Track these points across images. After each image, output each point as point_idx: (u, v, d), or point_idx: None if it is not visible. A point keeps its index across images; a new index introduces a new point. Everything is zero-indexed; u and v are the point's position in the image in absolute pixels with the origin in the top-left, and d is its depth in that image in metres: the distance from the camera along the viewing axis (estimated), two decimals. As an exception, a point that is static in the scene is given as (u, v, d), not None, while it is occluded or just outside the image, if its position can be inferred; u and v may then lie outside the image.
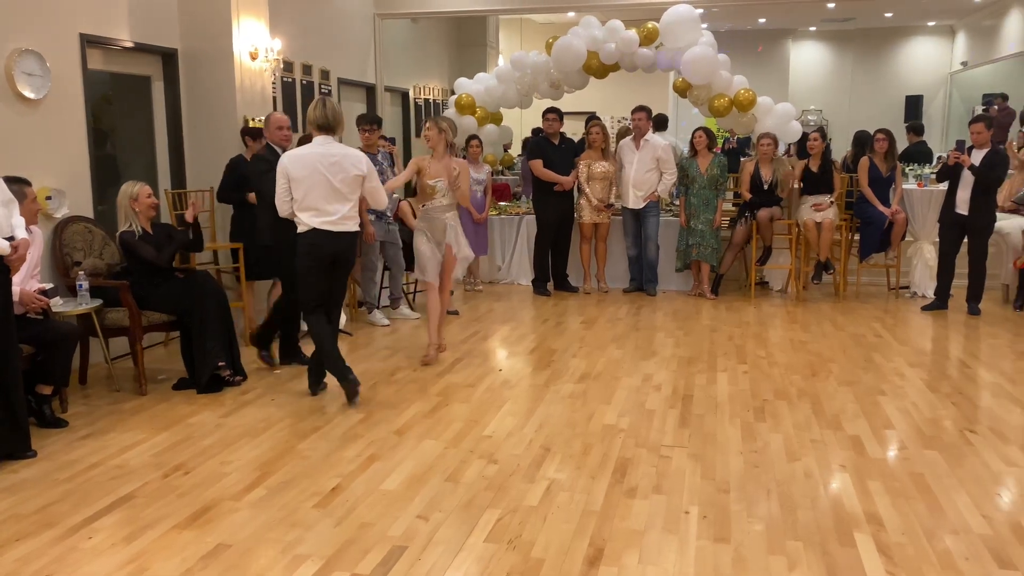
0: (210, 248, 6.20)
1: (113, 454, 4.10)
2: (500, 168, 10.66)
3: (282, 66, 7.84)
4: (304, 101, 8.57)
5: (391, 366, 5.56)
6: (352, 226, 4.75)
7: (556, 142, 8.11)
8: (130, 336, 5.08)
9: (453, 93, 9.44)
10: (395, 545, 3.14)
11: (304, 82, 8.57)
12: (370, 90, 10.26)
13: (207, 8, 6.56)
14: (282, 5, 7.78)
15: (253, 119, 6.39)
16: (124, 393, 5.11)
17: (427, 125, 5.51)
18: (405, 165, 9.98)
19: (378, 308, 6.88)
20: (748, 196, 7.78)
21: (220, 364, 5.12)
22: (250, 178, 5.65)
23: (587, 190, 7.92)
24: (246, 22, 6.70)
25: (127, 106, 6.47)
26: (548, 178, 7.95)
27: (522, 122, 13.13)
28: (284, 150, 5.11)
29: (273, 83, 7.46)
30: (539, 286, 8.18)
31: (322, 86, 8.93)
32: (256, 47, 6.78)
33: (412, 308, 7.29)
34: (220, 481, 3.75)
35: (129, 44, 6.13)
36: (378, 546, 3.14)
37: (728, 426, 4.43)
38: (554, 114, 8.11)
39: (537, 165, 8.01)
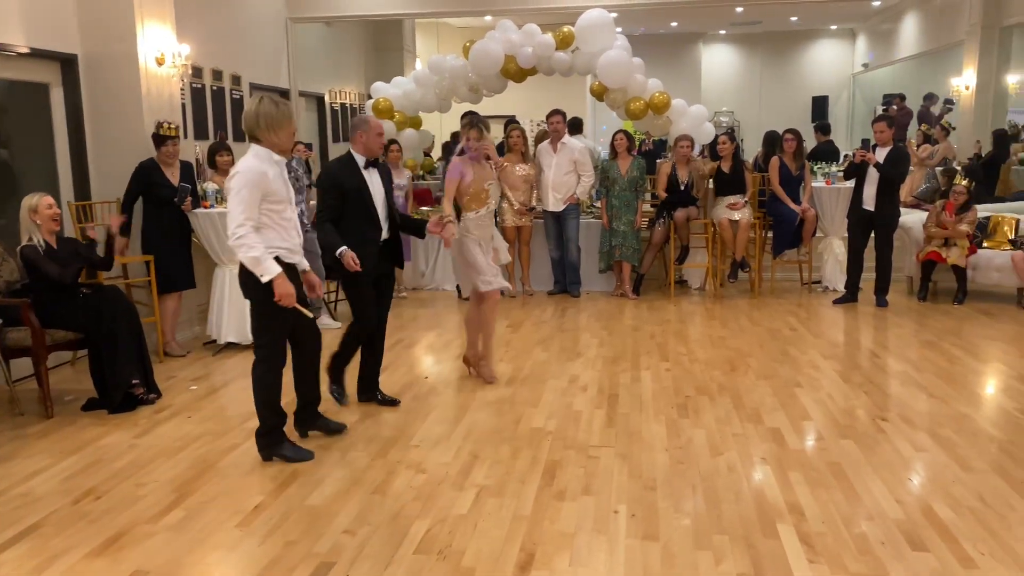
0: (119, 261, 5.95)
1: (17, 481, 3.89)
2: (421, 173, 10.58)
3: (191, 71, 7.60)
4: (215, 108, 8.33)
5: (314, 377, 5.44)
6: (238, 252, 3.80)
7: None
8: (33, 356, 4.83)
9: (370, 97, 9.33)
10: (322, 562, 3.07)
11: (214, 88, 8.33)
12: (283, 95, 10.04)
13: (108, 12, 6.30)
14: (189, 9, 7.54)
15: (164, 125, 6.16)
16: (28, 417, 4.85)
17: (472, 134, 5.06)
18: (321, 171, 9.78)
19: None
20: (664, 195, 7.93)
21: (133, 382, 4.92)
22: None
23: (508, 194, 7.95)
24: (151, 26, 6.47)
25: (24, 115, 6.15)
26: None
27: (442, 126, 13.07)
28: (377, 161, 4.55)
29: (182, 89, 7.22)
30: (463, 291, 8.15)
31: (233, 92, 8.70)
32: (162, 52, 6.56)
33: (334, 317, 7.17)
34: (135, 505, 3.60)
35: (24, 50, 5.83)
36: (304, 563, 3.06)
37: (653, 423, 4.50)
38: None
39: None
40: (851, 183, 7.62)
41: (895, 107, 13.81)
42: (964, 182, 7.69)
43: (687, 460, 3.98)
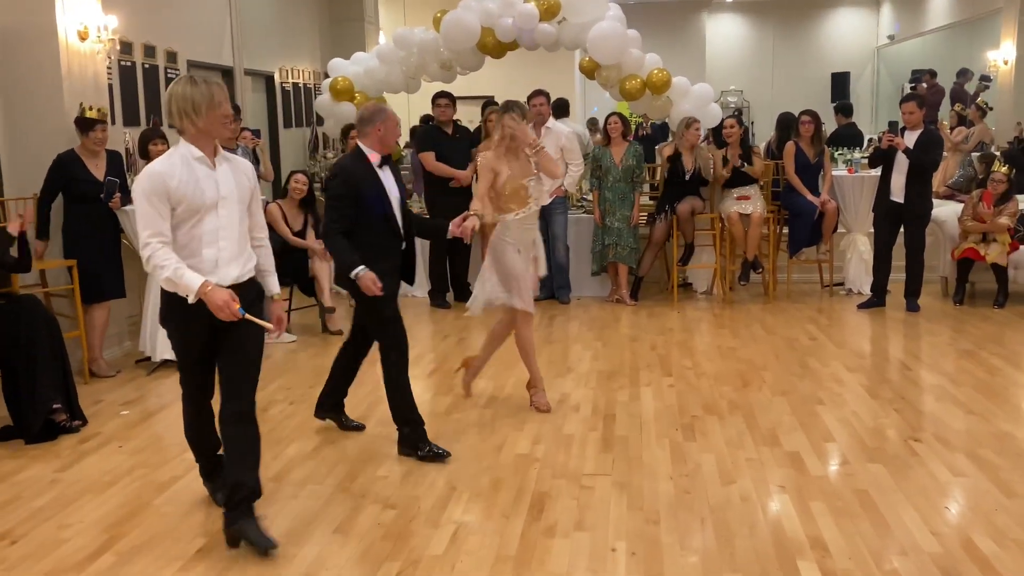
0: (38, 266, 5.90)
1: (-81, 525, 3.85)
2: (386, 163, 10.56)
3: (119, 48, 7.55)
4: (147, 89, 8.28)
5: (264, 399, 5.41)
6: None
7: (449, 131, 8.11)
8: (-64, 379, 4.78)
9: (327, 76, 9.31)
10: (276, 612, 3.06)
11: (146, 66, 8.27)
12: (227, 74, 10.00)
13: (22, -22, 6.25)
14: (116, -26, 7.49)
15: (90, 108, 6.12)
16: (-69, 449, 4.80)
17: (507, 120, 4.95)
18: (272, 161, 9.71)
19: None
20: (666, 155, 7.93)
21: (55, 407, 4.87)
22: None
23: (487, 185, 7.94)
24: (72, -5, 6.42)
25: (-76, 97, 6.09)
26: (442, 172, 7.94)
27: (409, 109, 13.06)
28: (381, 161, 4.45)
29: (109, 68, 7.17)
30: (437, 298, 8.15)
31: (168, 71, 8.65)
32: (86, 25, 6.51)
33: (288, 330, 7.13)
34: (58, 549, 3.57)
35: (-76, 22, 5.77)
36: (256, 615, 3.05)
37: (655, 448, 4.52)
38: (446, 99, 8.11)
39: (428, 158, 7.98)
40: (877, 171, 7.70)
41: (925, 84, 13.97)
42: (1004, 168, 7.78)
43: (694, 489, 4.00)
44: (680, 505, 3.83)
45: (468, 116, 10.83)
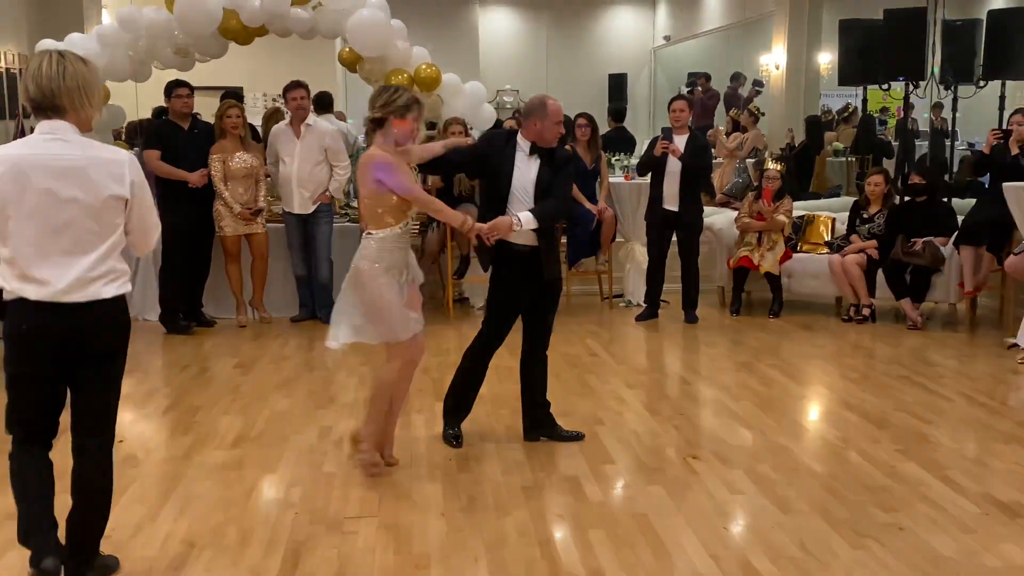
0: None
1: None
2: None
3: None
4: None
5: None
6: (106, 290, 3.27)
7: (186, 126, 7.76)
8: None
9: (36, 61, 8.70)
10: None
11: None
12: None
13: None
14: None
15: None
16: None
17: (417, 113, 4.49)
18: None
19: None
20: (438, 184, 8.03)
21: None
22: None
23: (224, 193, 7.64)
24: None
25: None
26: (167, 174, 7.59)
27: (138, 100, 12.47)
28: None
29: None
30: (172, 321, 7.77)
31: None
32: None
33: None
34: None
35: None
36: None
37: (426, 482, 4.53)
38: (187, 89, 7.77)
39: (151, 157, 7.59)
40: (647, 179, 8.13)
41: (700, 88, 14.99)
42: (777, 166, 8.45)
43: (468, 526, 4.04)
44: (452, 545, 3.85)
45: (210, 109, 10.48)
